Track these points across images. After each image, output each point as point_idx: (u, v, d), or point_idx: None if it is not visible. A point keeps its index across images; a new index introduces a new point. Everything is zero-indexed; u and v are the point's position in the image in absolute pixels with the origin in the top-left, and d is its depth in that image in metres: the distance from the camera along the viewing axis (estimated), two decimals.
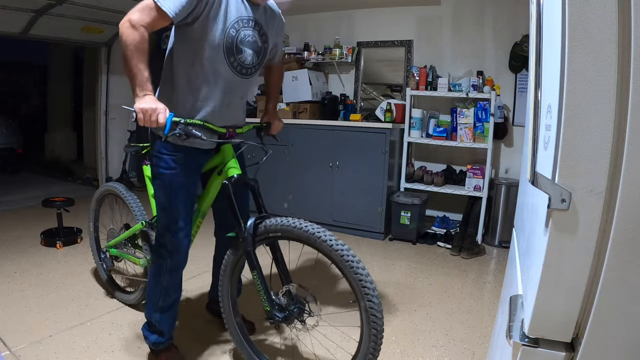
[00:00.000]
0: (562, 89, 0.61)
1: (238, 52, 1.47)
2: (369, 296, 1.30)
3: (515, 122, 3.60)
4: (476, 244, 3.27)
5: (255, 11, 1.51)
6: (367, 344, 1.34)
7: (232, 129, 1.56)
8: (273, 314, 1.49)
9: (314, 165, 3.68)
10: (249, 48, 1.50)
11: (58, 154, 6.91)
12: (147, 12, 1.31)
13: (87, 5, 3.83)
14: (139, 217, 2.00)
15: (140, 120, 1.29)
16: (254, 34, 1.50)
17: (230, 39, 1.43)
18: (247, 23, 1.48)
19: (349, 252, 1.33)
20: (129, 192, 2.11)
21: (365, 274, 1.31)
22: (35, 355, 1.71)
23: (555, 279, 0.66)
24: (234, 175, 1.52)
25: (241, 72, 1.51)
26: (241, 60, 1.49)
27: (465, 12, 3.67)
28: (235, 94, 1.56)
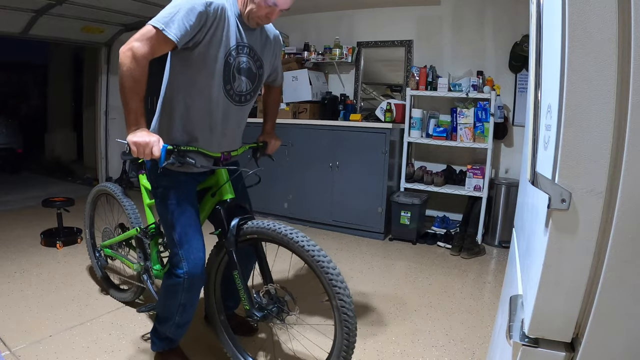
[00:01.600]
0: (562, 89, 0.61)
1: (234, 80, 1.46)
2: (340, 295, 1.34)
3: (515, 122, 3.60)
4: (476, 244, 3.27)
5: (250, 36, 1.49)
6: (340, 342, 1.38)
7: (226, 153, 1.57)
8: (252, 312, 1.53)
9: (314, 165, 3.68)
10: (244, 75, 1.49)
11: (58, 154, 6.91)
12: (150, 41, 1.28)
13: (87, 5, 3.83)
14: (134, 222, 1.99)
15: (134, 153, 1.27)
16: (248, 61, 1.49)
17: (227, 67, 1.42)
18: (243, 50, 1.46)
19: (320, 252, 1.37)
20: (125, 195, 2.11)
21: (336, 273, 1.35)
22: (35, 355, 1.71)
23: (555, 279, 0.66)
24: (227, 200, 1.55)
25: (236, 100, 1.50)
26: (236, 87, 1.48)
27: (465, 12, 3.67)
28: (232, 122, 1.54)
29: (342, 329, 1.36)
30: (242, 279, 1.53)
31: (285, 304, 1.55)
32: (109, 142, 5.23)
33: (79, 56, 6.58)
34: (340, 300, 1.35)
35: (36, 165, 6.64)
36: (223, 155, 1.55)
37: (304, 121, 3.79)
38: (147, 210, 1.92)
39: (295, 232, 1.42)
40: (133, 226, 1.97)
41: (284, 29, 4.41)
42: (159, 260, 1.90)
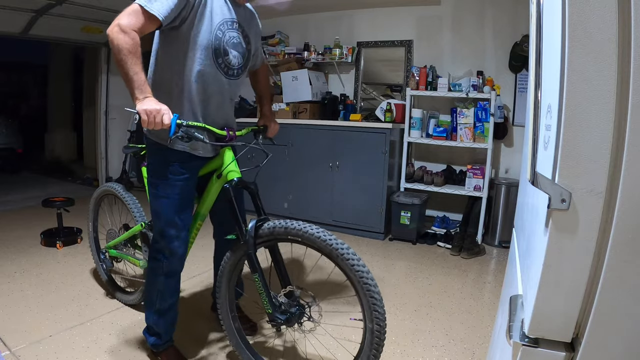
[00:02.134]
0: (562, 89, 0.61)
1: (225, 54, 1.49)
2: (379, 320, 1.31)
3: (515, 122, 3.60)
4: (476, 244, 3.27)
5: (237, 12, 1.52)
6: (370, 342, 1.35)
7: (232, 132, 1.55)
8: (275, 316, 1.48)
9: (314, 165, 3.68)
10: (234, 50, 1.52)
11: (58, 154, 6.92)
12: (135, 16, 1.29)
13: (87, 5, 3.83)
14: (138, 218, 1.99)
15: (144, 122, 1.27)
16: (238, 36, 1.53)
17: (217, 41, 1.45)
18: (232, 25, 1.50)
19: (368, 274, 1.34)
20: (128, 193, 2.11)
21: (366, 271, 1.33)
22: (35, 355, 1.71)
23: (555, 279, 0.66)
24: (234, 179, 1.52)
25: (227, 74, 1.53)
26: (227, 61, 1.51)
27: (465, 12, 3.67)
28: (225, 95, 1.57)
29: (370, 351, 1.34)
30: (263, 283, 1.48)
31: (306, 305, 1.51)
32: (109, 142, 5.23)
33: (79, 56, 6.58)
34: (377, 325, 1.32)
35: (36, 165, 6.64)
36: (229, 134, 1.53)
37: (304, 121, 3.79)
38: None
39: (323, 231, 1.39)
40: (138, 222, 1.97)
41: (284, 29, 4.41)
42: None
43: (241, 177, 1.55)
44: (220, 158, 1.58)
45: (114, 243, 2.15)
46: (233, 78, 1.56)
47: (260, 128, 1.76)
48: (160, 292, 1.61)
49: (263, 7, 4.15)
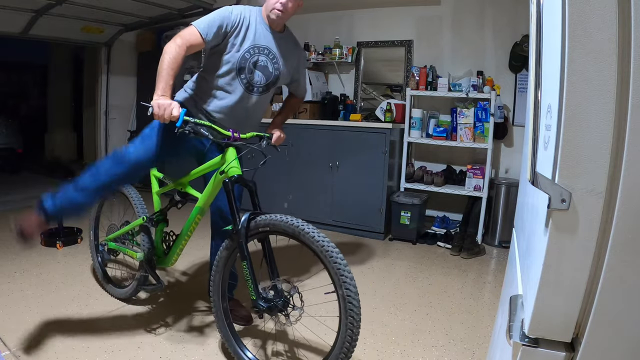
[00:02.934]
0: (562, 89, 0.61)
1: (249, 72, 1.77)
2: (347, 284, 1.38)
3: (515, 122, 3.60)
4: (476, 244, 3.27)
5: (273, 41, 1.80)
6: (344, 332, 1.40)
7: (236, 133, 1.67)
8: (257, 302, 1.56)
9: (314, 165, 3.68)
10: (260, 71, 1.79)
11: (58, 154, 6.91)
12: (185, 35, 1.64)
13: (87, 5, 3.83)
14: (140, 212, 2.04)
15: (156, 114, 1.50)
16: (266, 60, 1.79)
17: (243, 61, 1.75)
18: (263, 50, 1.78)
19: (329, 243, 1.42)
20: (132, 187, 2.15)
21: (343, 264, 1.40)
22: (35, 355, 1.71)
23: (555, 279, 0.66)
24: (234, 175, 1.63)
25: (248, 89, 1.79)
26: (250, 78, 1.78)
27: (465, 12, 3.67)
28: (245, 106, 1.82)
29: (346, 318, 1.39)
30: (251, 270, 1.56)
31: (290, 299, 1.57)
32: (109, 142, 5.22)
33: (79, 56, 6.58)
34: (346, 290, 1.38)
35: (36, 165, 6.63)
36: (233, 134, 1.65)
37: (304, 121, 3.79)
38: (155, 199, 2.02)
39: (306, 224, 1.48)
40: (139, 216, 2.02)
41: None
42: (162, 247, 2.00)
43: (241, 175, 1.65)
44: (224, 156, 1.69)
45: (113, 236, 2.18)
46: (252, 93, 1.81)
47: (266, 135, 1.85)
48: (93, 176, 1.76)
49: None
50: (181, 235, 1.87)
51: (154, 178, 2.04)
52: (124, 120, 5.30)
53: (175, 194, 1.90)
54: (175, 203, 1.92)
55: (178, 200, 1.90)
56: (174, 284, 2.50)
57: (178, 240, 1.89)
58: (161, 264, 1.99)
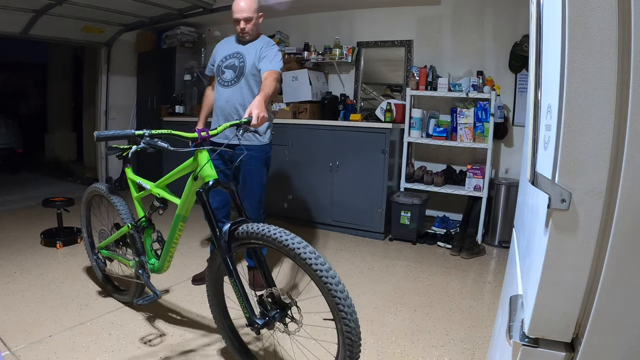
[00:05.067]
0: (562, 89, 0.61)
1: (222, 73, 2.30)
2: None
3: (515, 122, 3.60)
4: (476, 244, 3.27)
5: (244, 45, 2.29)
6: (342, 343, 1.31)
7: (204, 132, 1.57)
8: (253, 320, 1.45)
9: (314, 165, 3.68)
10: (228, 69, 2.28)
11: (58, 154, 6.91)
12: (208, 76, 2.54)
13: (87, 5, 3.83)
14: (125, 219, 1.98)
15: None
16: (234, 60, 2.28)
17: (218, 68, 2.32)
18: (232, 55, 2.29)
19: (328, 272, 1.28)
20: (114, 194, 2.09)
21: (343, 297, 1.27)
22: (35, 355, 1.71)
23: (555, 279, 0.66)
24: (208, 182, 1.53)
25: (224, 85, 2.29)
26: (223, 77, 2.29)
27: (465, 12, 3.67)
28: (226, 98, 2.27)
29: (344, 352, 1.30)
30: (239, 286, 1.47)
31: (288, 308, 1.48)
32: (109, 142, 5.22)
33: (79, 56, 6.57)
34: (345, 326, 1.26)
35: (36, 165, 6.63)
36: (200, 135, 1.54)
37: (304, 121, 3.78)
38: (136, 204, 1.92)
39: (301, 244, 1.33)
40: (125, 223, 1.96)
41: (284, 29, 4.41)
42: (153, 254, 1.93)
43: (217, 179, 1.54)
44: (195, 160, 1.59)
45: (105, 243, 2.15)
46: (228, 87, 2.28)
47: (243, 121, 1.66)
48: None
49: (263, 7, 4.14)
50: (167, 242, 1.79)
51: (131, 182, 1.94)
52: (124, 120, 5.30)
53: (154, 200, 1.79)
54: (155, 209, 1.80)
55: (157, 207, 1.78)
56: (174, 284, 2.50)
57: (166, 247, 1.81)
58: (155, 270, 1.90)
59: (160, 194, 1.77)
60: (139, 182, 1.90)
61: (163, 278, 2.44)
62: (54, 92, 7.12)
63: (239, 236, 1.45)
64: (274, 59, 2.21)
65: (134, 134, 1.44)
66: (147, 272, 1.92)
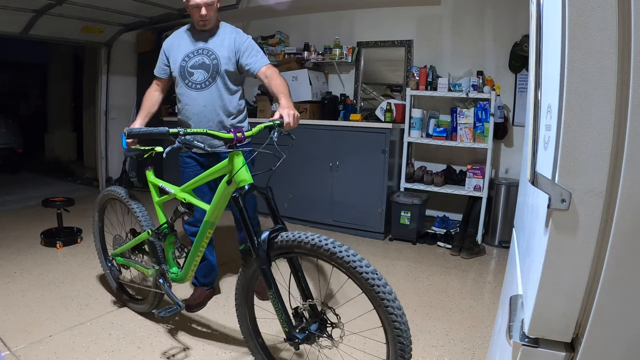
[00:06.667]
0: (562, 89, 0.61)
1: (190, 75, 1.98)
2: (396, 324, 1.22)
3: (515, 122, 3.60)
4: (476, 244, 3.27)
5: (204, 39, 1.99)
6: None
7: (240, 134, 1.47)
8: (293, 334, 1.37)
9: (314, 165, 3.68)
10: (198, 69, 1.98)
11: (58, 154, 6.91)
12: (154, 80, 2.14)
13: (87, 5, 3.83)
14: (144, 225, 1.88)
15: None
16: (202, 58, 1.97)
17: (182, 69, 1.99)
18: (197, 52, 1.98)
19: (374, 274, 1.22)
20: (133, 199, 1.99)
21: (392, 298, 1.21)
22: (35, 355, 1.71)
23: (555, 279, 0.66)
24: (245, 186, 1.43)
25: (197, 88, 1.98)
26: (193, 79, 1.98)
27: (465, 12, 3.67)
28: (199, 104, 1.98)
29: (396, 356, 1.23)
30: (278, 299, 1.37)
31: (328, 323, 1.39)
32: (109, 142, 5.22)
33: (79, 56, 6.57)
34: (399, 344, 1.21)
35: (36, 165, 6.63)
36: (236, 136, 1.45)
37: (304, 121, 3.76)
38: (157, 209, 1.85)
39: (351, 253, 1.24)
40: (144, 229, 1.86)
41: (284, 29, 4.41)
42: (175, 262, 1.83)
43: (253, 183, 1.45)
44: (230, 162, 1.48)
45: (120, 250, 2.04)
46: (200, 90, 1.98)
47: (275, 123, 1.56)
48: None
49: (263, 7, 4.16)
50: (193, 251, 1.68)
51: (152, 186, 1.84)
52: (124, 120, 5.30)
53: (179, 205, 1.67)
54: (180, 215, 1.68)
55: (182, 212, 1.67)
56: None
57: (190, 255, 1.70)
58: (176, 280, 1.79)
59: (186, 199, 1.65)
60: (162, 185, 1.79)
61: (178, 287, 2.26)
62: (54, 92, 7.12)
63: (279, 245, 1.35)
64: (259, 51, 2.00)
65: (169, 132, 1.35)
66: (169, 282, 1.82)
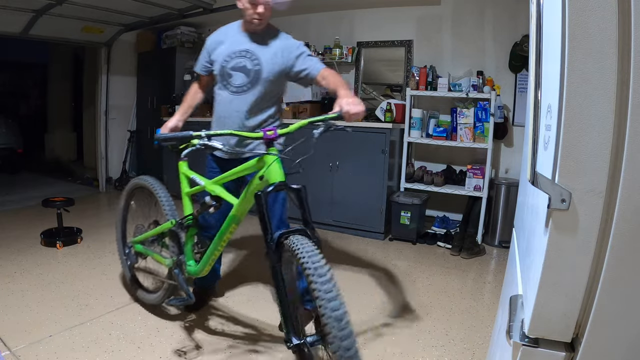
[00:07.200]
0: (562, 89, 0.61)
1: (229, 77, 1.87)
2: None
3: (515, 122, 3.60)
4: (476, 244, 3.27)
5: (250, 41, 1.87)
6: None
7: (271, 132, 1.46)
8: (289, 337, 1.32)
9: (314, 165, 3.67)
10: (238, 72, 1.86)
11: (58, 154, 6.91)
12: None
13: (87, 5, 3.82)
14: (169, 214, 1.87)
15: None
16: (243, 61, 1.86)
17: (222, 69, 1.89)
18: (239, 53, 1.86)
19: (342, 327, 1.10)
20: (162, 187, 1.98)
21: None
22: (35, 355, 1.71)
23: (555, 279, 0.66)
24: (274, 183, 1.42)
25: (233, 91, 1.89)
26: (231, 82, 1.88)
27: (465, 12, 3.67)
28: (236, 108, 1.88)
29: None
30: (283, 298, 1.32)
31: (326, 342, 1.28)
32: (109, 142, 5.22)
33: (79, 56, 6.57)
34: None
35: (36, 165, 6.64)
36: (266, 135, 1.45)
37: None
38: (185, 200, 1.84)
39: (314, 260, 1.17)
40: (168, 219, 1.86)
41: (284, 28, 4.39)
42: (193, 255, 1.82)
43: (284, 181, 1.44)
44: (262, 159, 1.49)
45: (140, 238, 2.04)
46: (238, 94, 1.88)
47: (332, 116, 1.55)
48: None
49: None
50: (213, 245, 1.67)
51: (184, 177, 1.84)
52: (124, 120, 5.30)
53: (207, 197, 1.65)
54: (207, 207, 1.65)
55: (210, 205, 1.64)
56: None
57: (210, 249, 1.69)
58: (192, 273, 1.79)
59: (215, 192, 1.65)
60: (193, 177, 1.80)
61: None
62: (54, 92, 7.12)
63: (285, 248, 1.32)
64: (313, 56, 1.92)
65: (192, 135, 1.45)
66: (184, 273, 1.82)
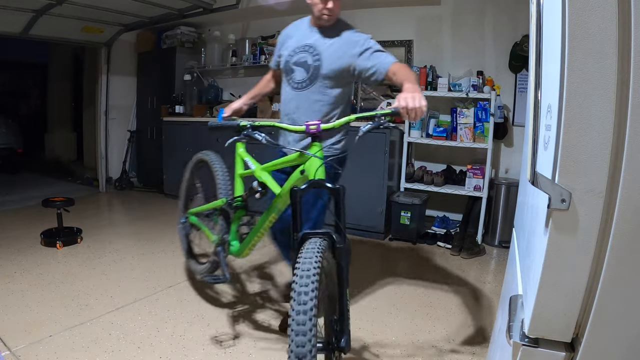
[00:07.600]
0: (562, 89, 0.61)
1: (292, 72, 1.84)
2: None
3: (515, 122, 3.60)
4: (476, 244, 3.27)
5: (315, 36, 1.83)
6: None
7: (314, 127, 1.45)
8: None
9: None
10: (299, 67, 1.82)
11: (58, 154, 6.91)
12: None
13: (87, 5, 3.82)
14: (223, 192, 1.89)
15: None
16: (306, 55, 1.81)
17: (286, 64, 1.85)
18: (303, 48, 1.82)
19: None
20: (221, 164, 2.01)
21: None
22: (35, 355, 1.71)
23: (555, 279, 0.66)
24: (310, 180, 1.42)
25: (294, 87, 1.84)
26: (293, 77, 1.84)
27: (465, 12, 3.67)
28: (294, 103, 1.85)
29: None
30: None
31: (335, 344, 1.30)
32: (109, 142, 5.22)
33: (79, 56, 6.58)
34: None
35: (36, 165, 6.64)
36: (308, 128, 1.44)
37: None
38: (237, 181, 1.87)
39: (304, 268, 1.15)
40: (221, 197, 1.89)
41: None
42: (237, 236, 1.86)
43: (321, 179, 1.43)
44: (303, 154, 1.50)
45: (196, 210, 2.10)
46: (299, 90, 1.83)
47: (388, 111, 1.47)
48: None
49: (263, 7, 4.15)
50: (255, 229, 1.70)
51: (240, 159, 1.86)
52: (124, 120, 5.30)
53: (255, 182, 1.67)
54: (253, 192, 1.68)
55: (257, 190, 1.66)
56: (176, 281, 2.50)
57: (252, 233, 1.73)
58: (233, 253, 1.85)
59: (262, 178, 1.66)
60: (247, 160, 1.81)
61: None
62: (54, 92, 7.12)
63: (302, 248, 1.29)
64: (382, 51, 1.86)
65: (239, 125, 1.54)
66: (226, 252, 1.86)
